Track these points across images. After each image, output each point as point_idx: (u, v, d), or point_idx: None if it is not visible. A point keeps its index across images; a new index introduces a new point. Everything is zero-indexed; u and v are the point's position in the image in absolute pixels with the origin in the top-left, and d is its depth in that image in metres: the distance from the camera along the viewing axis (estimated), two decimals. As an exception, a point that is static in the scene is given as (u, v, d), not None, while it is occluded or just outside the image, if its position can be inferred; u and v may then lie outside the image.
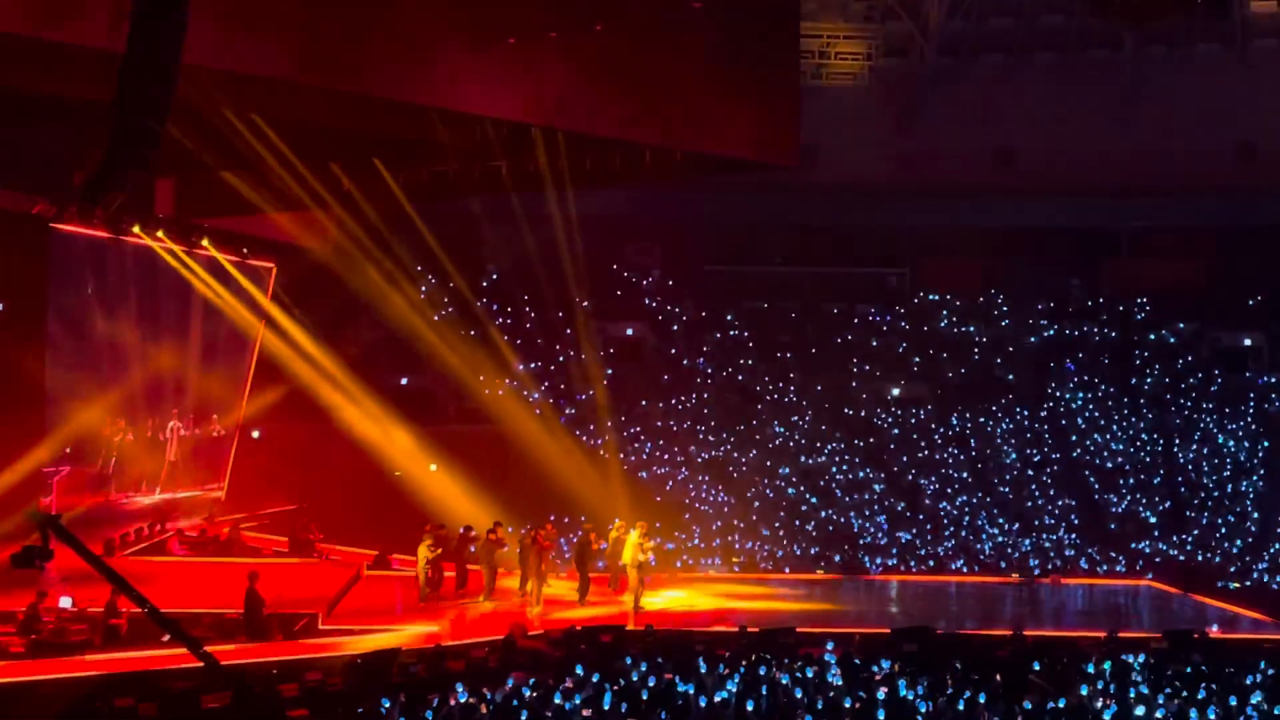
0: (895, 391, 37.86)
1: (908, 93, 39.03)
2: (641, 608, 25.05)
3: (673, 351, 38.05)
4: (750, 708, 15.47)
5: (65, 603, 21.49)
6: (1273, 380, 37.24)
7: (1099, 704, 16.04)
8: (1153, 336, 38.55)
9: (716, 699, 15.83)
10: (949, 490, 34.86)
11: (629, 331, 38.55)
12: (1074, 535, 33.38)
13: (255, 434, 33.87)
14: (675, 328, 38.66)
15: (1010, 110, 38.80)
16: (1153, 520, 33.91)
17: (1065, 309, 39.20)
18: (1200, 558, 32.45)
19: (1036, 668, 18.05)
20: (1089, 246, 39.48)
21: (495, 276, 36.93)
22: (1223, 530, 33.27)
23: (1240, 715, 15.72)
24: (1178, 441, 36.03)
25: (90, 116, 17.15)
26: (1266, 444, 35.50)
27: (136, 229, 28.24)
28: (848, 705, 15.62)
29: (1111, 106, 38.06)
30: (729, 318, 38.88)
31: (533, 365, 36.14)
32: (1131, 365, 37.87)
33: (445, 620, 23.62)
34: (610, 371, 36.38)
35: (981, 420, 36.75)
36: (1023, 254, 39.42)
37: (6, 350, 28.02)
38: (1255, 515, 33.65)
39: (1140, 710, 15.59)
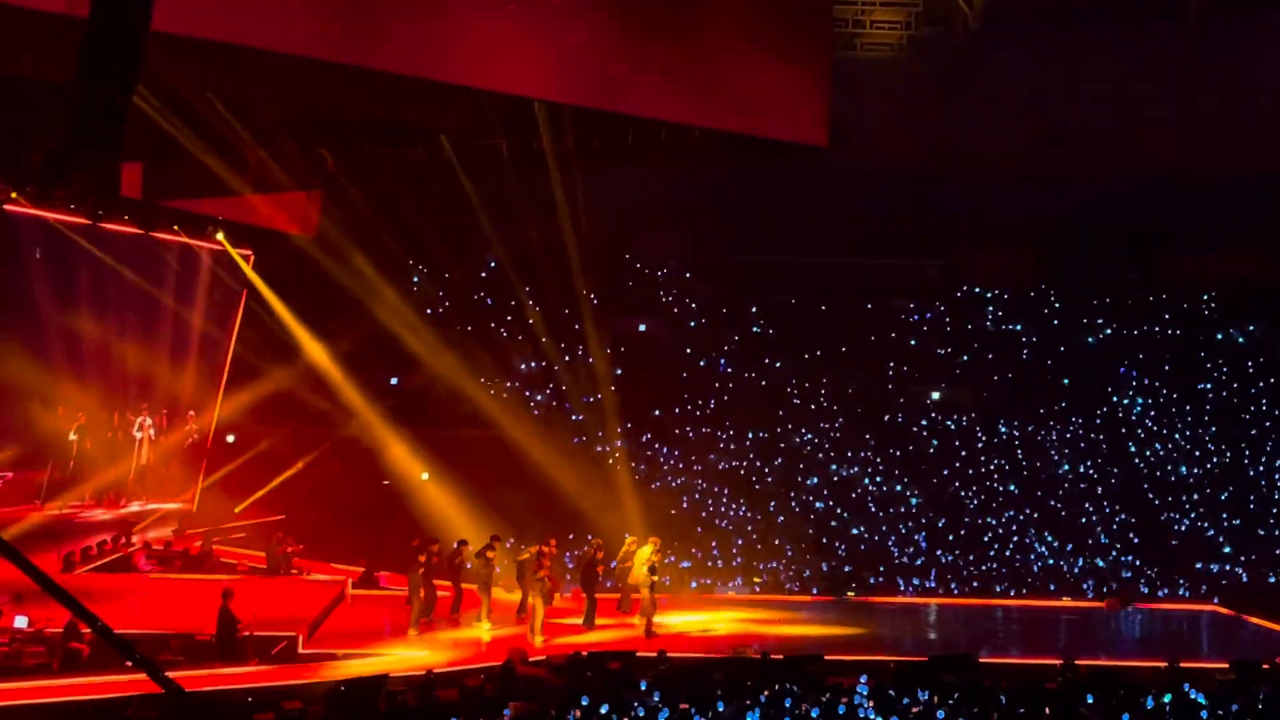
0: (935, 395, 37.79)
1: (950, 66, 38.85)
2: (654, 631, 25.05)
3: (688, 350, 38.01)
4: (773, 743, 15.47)
5: (20, 623, 21.54)
6: (1353, 386, 37.13)
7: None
8: (1220, 337, 38.41)
9: (736, 733, 15.83)
10: (994, 505, 34.79)
11: (641, 328, 38.51)
12: (1132, 556, 33.29)
13: (230, 438, 33.96)
14: (692, 324, 38.63)
15: (1062, 86, 38.55)
16: (1220, 540, 33.80)
17: (1123, 305, 39.05)
18: (1271, 580, 32.37)
19: (1090, 701, 18.00)
20: (1149, 237, 39.26)
21: (494, 265, 36.94)
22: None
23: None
24: (1247, 453, 35.91)
25: (51, 94, 17.10)
26: (1346, 457, 35.42)
27: (99, 212, 28.35)
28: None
29: (1174, 82, 37.86)
30: (753, 311, 38.80)
31: (535, 365, 36.15)
32: (1196, 369, 37.73)
33: (437, 644, 23.67)
34: (620, 372, 36.36)
35: (1030, 428, 36.66)
36: (1076, 245, 39.24)
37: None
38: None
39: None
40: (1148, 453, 36.06)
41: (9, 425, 29.28)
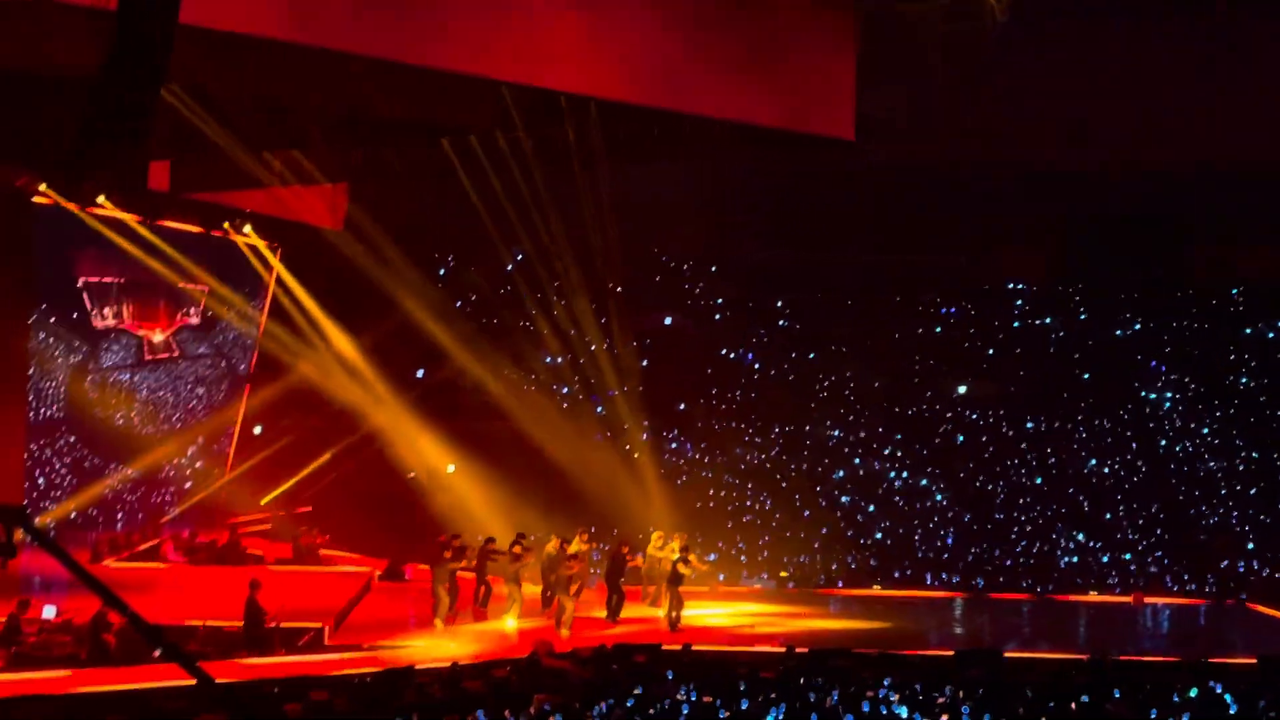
0: (961, 390, 37.64)
1: (976, 61, 38.69)
2: (679, 625, 25.06)
3: (714, 345, 37.93)
4: (798, 736, 15.46)
5: (49, 612, 21.67)
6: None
7: (1185, 736, 15.96)
8: (1249, 331, 38.17)
9: (761, 726, 15.82)
10: (1021, 500, 34.68)
11: (667, 321, 38.45)
12: (1159, 551, 33.16)
13: (257, 429, 34.09)
14: (718, 318, 38.57)
15: (1088, 81, 38.23)
16: (1248, 535, 33.63)
17: (1150, 300, 38.83)
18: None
19: (1116, 695, 17.94)
20: (1178, 231, 39.00)
21: (520, 259, 36.94)
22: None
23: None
24: (1276, 449, 35.70)
25: (80, 89, 17.14)
26: (1376, 453, 35.17)
27: (126, 205, 28.53)
28: (906, 735, 15.60)
29: (1201, 75, 37.59)
30: (779, 306, 38.71)
31: (560, 358, 36.13)
32: (1225, 363, 37.50)
33: (463, 636, 23.74)
34: (645, 364, 36.36)
35: (1057, 423, 36.50)
36: (1103, 239, 39.03)
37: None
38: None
39: (1232, 744, 15.50)
40: (1175, 448, 35.88)
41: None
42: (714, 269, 38.94)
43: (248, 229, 31.56)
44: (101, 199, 27.54)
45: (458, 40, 21.87)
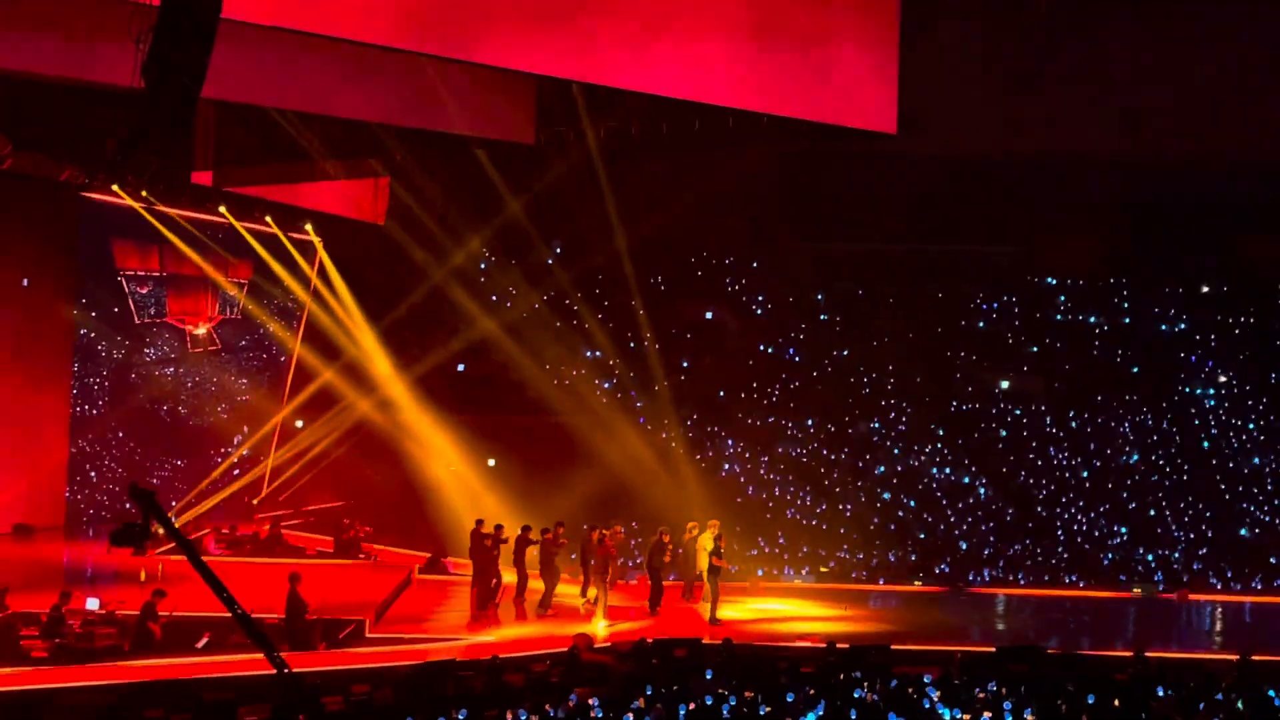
0: (1004, 384, 37.49)
1: (1023, 49, 38.46)
2: (719, 620, 25.03)
3: (755, 338, 37.90)
4: (838, 732, 15.43)
5: (92, 604, 21.85)
6: None
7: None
8: (1297, 325, 37.87)
9: (801, 722, 15.80)
10: (1064, 496, 34.49)
11: (708, 315, 38.44)
12: (1204, 547, 32.92)
13: (299, 424, 34.27)
14: (759, 312, 38.52)
15: (1137, 70, 38.07)
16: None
17: (1197, 293, 38.56)
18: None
19: (1160, 694, 17.83)
20: (1225, 222, 38.73)
21: (559, 252, 37.00)
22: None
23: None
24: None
25: (126, 93, 17.22)
26: None
27: (163, 198, 28.75)
28: (947, 731, 15.55)
29: (1250, 66, 37.30)
30: (819, 299, 38.62)
31: (601, 352, 36.17)
32: (1272, 357, 37.19)
33: (503, 629, 23.80)
34: (686, 364, 36.35)
35: (1101, 418, 36.30)
36: (1150, 230, 38.76)
37: (35, 326, 28.64)
38: None
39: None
40: (1221, 443, 35.62)
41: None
42: (755, 263, 38.88)
43: (289, 223, 31.68)
44: (145, 193, 27.71)
45: (502, 36, 21.85)
